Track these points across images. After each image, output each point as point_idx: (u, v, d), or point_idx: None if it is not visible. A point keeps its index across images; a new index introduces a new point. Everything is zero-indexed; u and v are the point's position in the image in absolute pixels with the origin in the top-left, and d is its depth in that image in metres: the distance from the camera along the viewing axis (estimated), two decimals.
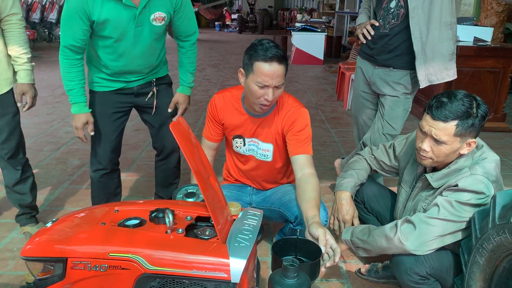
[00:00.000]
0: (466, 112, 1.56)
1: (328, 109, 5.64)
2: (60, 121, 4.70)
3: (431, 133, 1.60)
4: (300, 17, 13.92)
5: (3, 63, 2.10)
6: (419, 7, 2.21)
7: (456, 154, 1.65)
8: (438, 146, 1.61)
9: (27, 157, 2.35)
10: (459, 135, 1.58)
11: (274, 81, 1.74)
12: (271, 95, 1.76)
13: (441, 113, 1.57)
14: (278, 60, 1.73)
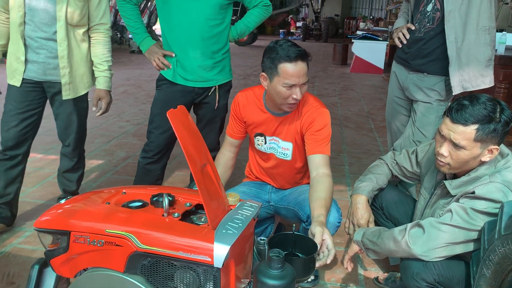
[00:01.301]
0: (488, 116, 1.48)
1: (379, 118, 5.52)
2: (115, 117, 5.00)
3: (449, 137, 1.53)
4: (363, 25, 13.68)
5: (84, 68, 2.27)
6: (456, 10, 2.13)
7: (477, 161, 1.56)
8: (457, 151, 1.53)
9: (84, 148, 2.53)
10: (479, 140, 1.50)
11: (301, 79, 1.76)
12: (299, 93, 1.78)
13: (461, 116, 1.50)
14: (301, 58, 1.74)
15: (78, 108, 2.32)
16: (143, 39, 2.38)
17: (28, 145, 2.32)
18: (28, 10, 2.08)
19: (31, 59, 2.16)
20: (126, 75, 7.92)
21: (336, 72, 9.65)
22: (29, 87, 2.21)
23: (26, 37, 2.12)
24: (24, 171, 2.39)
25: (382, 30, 11.18)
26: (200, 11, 2.21)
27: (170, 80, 2.36)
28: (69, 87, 2.22)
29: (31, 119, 2.26)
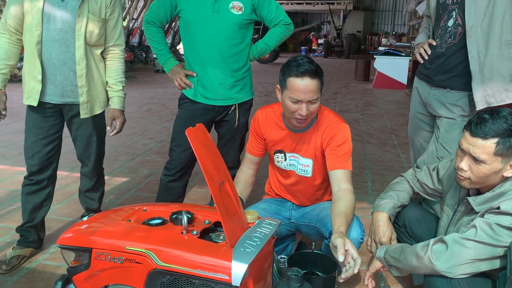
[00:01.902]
0: (508, 130, 1.45)
1: (402, 134, 5.44)
2: (139, 135, 5.08)
3: (469, 151, 1.51)
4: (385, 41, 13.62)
5: (100, 88, 2.31)
6: (478, 25, 2.10)
7: (499, 177, 1.52)
8: (477, 166, 1.51)
9: (103, 167, 2.57)
10: (500, 155, 1.47)
11: (307, 96, 1.76)
12: (304, 110, 1.78)
13: (480, 130, 1.48)
14: (310, 75, 1.75)
15: (97, 128, 2.35)
16: (166, 60, 2.45)
17: (53, 168, 2.35)
18: (46, 29, 2.11)
19: (49, 80, 2.18)
20: (150, 94, 8.08)
21: (358, 88, 9.60)
22: (49, 112, 2.24)
23: (43, 57, 2.15)
24: (52, 195, 2.41)
25: (404, 46, 11.11)
26: (219, 31, 2.26)
27: (191, 99, 2.40)
28: (87, 106, 2.25)
29: (53, 144, 2.29)
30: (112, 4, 2.23)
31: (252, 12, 2.31)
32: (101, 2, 2.18)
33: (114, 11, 2.24)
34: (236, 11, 2.25)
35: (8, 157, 4.10)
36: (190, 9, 2.28)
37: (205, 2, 2.24)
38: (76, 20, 2.12)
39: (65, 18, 2.12)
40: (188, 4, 2.27)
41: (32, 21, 2.11)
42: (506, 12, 2.06)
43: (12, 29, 2.16)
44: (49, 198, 2.38)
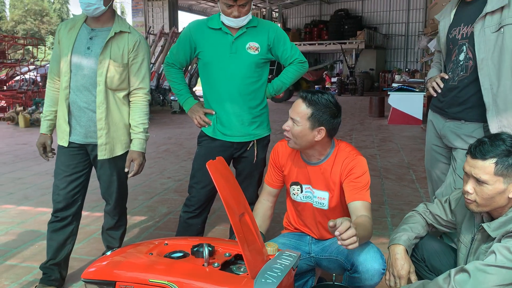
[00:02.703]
0: (506, 150, 1.54)
1: (420, 168, 5.41)
2: (158, 174, 5.16)
3: (471, 173, 1.58)
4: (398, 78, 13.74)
5: (122, 130, 2.38)
6: (488, 58, 2.15)
7: (505, 198, 1.56)
8: (481, 187, 1.57)
9: (126, 206, 2.62)
10: (500, 175, 1.53)
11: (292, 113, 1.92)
12: (236, 12, 2.19)
13: (479, 151, 1.57)
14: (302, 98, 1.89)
15: (118, 169, 2.41)
16: (186, 99, 2.53)
17: (78, 206, 2.42)
18: (73, 75, 2.25)
19: (75, 122, 2.30)
20: (168, 134, 8.24)
21: (373, 125, 9.63)
22: (75, 151, 2.34)
23: (70, 100, 2.28)
24: (76, 233, 2.46)
25: (418, 82, 11.20)
26: (237, 70, 2.35)
27: (210, 136, 2.45)
28: (105, 148, 2.32)
29: (79, 181, 2.37)
30: (135, 49, 2.32)
31: (268, 51, 2.40)
32: (124, 48, 2.29)
33: (137, 56, 2.33)
34: (253, 51, 2.35)
35: (31, 198, 4.20)
36: (209, 51, 2.38)
37: (223, 44, 2.34)
38: (98, 66, 2.24)
39: (89, 65, 2.25)
40: (207, 46, 2.38)
41: (62, 68, 2.26)
42: None
43: (56, 77, 2.35)
44: (73, 236, 2.43)
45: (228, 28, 2.33)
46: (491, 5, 2.12)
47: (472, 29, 2.20)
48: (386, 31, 24.06)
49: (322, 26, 23.31)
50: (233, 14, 2.25)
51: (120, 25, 2.31)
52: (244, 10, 2.27)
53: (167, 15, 16.08)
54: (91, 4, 2.18)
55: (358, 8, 24.43)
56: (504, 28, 2.11)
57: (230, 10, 2.25)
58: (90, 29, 2.28)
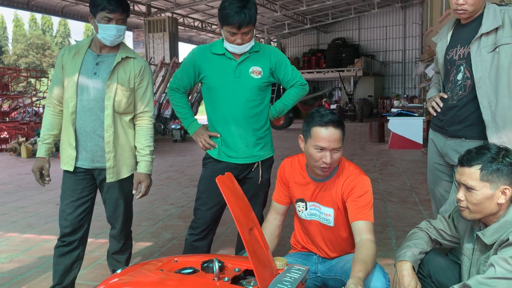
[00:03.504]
0: (490, 157, 1.64)
1: (423, 191, 5.42)
2: (160, 201, 5.17)
3: (460, 180, 1.68)
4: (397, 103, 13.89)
5: (128, 153, 2.42)
6: (486, 77, 2.21)
7: (494, 204, 1.63)
8: (470, 193, 1.65)
9: (131, 229, 2.63)
10: (486, 180, 1.62)
11: (332, 144, 1.86)
12: (329, 157, 1.87)
13: (466, 160, 1.68)
14: (333, 124, 1.86)
15: (124, 192, 2.44)
16: (190, 123, 2.55)
17: (84, 230, 2.43)
18: (80, 100, 2.30)
19: (81, 146, 2.33)
20: (169, 162, 8.27)
21: (374, 149, 9.68)
22: (81, 176, 2.37)
23: (76, 125, 2.32)
24: (82, 257, 2.46)
25: (417, 107, 11.32)
26: (241, 94, 2.39)
27: (215, 158, 2.47)
28: (113, 171, 2.36)
29: (85, 206, 2.39)
30: (141, 74, 2.39)
31: (270, 75, 2.46)
32: (130, 72, 2.36)
33: (143, 80, 2.40)
34: (256, 75, 2.40)
35: (35, 226, 4.19)
36: (213, 76, 2.42)
37: (227, 69, 2.39)
38: (105, 90, 2.29)
39: (96, 89, 2.30)
40: (211, 71, 2.42)
41: (68, 93, 2.30)
42: (511, 63, 2.17)
43: (56, 102, 2.38)
44: (79, 260, 2.43)
45: (232, 53, 2.39)
46: (486, 26, 2.20)
47: (468, 49, 2.27)
48: (383, 58, 24.47)
49: (320, 55, 23.73)
50: (237, 41, 2.30)
51: (126, 51, 2.38)
52: (247, 38, 2.32)
53: (168, 46, 16.38)
54: (120, 36, 2.30)
55: (355, 36, 24.92)
56: (499, 48, 2.18)
57: (234, 38, 2.30)
58: (96, 54, 2.34)
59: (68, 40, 42.69)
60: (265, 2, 17.51)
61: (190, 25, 19.54)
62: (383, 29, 24.47)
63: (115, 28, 2.25)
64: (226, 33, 2.31)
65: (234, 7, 2.22)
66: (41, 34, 39.61)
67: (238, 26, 2.24)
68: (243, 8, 2.22)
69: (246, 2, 2.25)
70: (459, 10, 2.25)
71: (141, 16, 16.33)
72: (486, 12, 2.23)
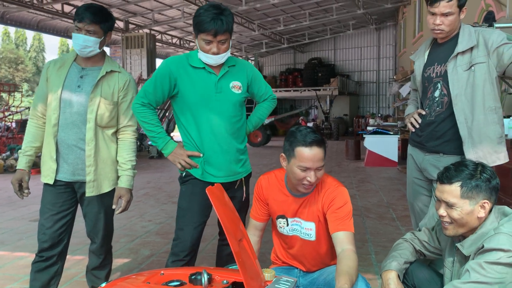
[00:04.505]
0: (469, 174, 1.68)
1: (400, 207, 5.51)
2: (138, 217, 5.09)
3: (441, 198, 1.72)
4: (373, 122, 14.16)
5: (110, 167, 2.38)
6: (462, 94, 2.30)
7: (475, 218, 1.68)
8: (451, 210, 1.69)
9: (112, 245, 2.58)
10: (466, 197, 1.67)
11: (316, 164, 1.87)
12: (313, 176, 1.88)
13: (446, 177, 1.72)
14: (317, 144, 1.87)
15: (105, 206, 2.40)
16: (165, 143, 2.31)
17: (64, 245, 2.37)
18: (62, 113, 2.27)
19: (62, 159, 2.29)
20: (146, 179, 8.16)
21: (350, 167, 9.81)
22: (61, 189, 2.32)
23: (58, 138, 2.28)
24: (61, 273, 2.40)
25: (392, 125, 11.56)
26: (224, 110, 2.29)
27: (200, 179, 2.32)
28: (93, 185, 2.32)
29: (65, 220, 2.34)
30: (125, 88, 2.38)
31: (246, 90, 2.40)
32: (115, 86, 2.34)
33: (127, 95, 2.39)
34: (237, 91, 2.32)
35: (7, 243, 4.06)
36: (193, 91, 2.26)
37: (208, 83, 2.27)
38: (88, 104, 2.27)
39: (80, 102, 2.28)
40: (190, 85, 2.26)
41: (50, 106, 2.27)
42: (486, 81, 2.27)
43: (40, 114, 2.35)
44: (57, 276, 2.37)
45: (211, 67, 2.27)
46: (462, 45, 2.30)
47: (445, 67, 2.36)
48: (358, 78, 25.00)
49: (297, 74, 24.06)
50: (212, 50, 2.18)
51: (111, 64, 2.38)
52: (223, 47, 2.20)
53: (145, 62, 16.30)
54: (87, 47, 2.25)
55: (330, 56, 25.42)
56: (474, 67, 2.28)
57: (209, 47, 2.18)
58: (80, 68, 2.33)
59: (43, 55, 42.03)
60: (244, 21, 17.73)
61: (168, 42, 19.57)
62: (358, 49, 25.05)
63: (82, 38, 2.22)
64: (201, 42, 2.19)
65: (210, 14, 2.13)
66: (14, 48, 38.88)
67: (215, 33, 2.14)
68: (219, 15, 2.13)
69: (222, 10, 2.17)
70: (436, 30, 2.34)
71: (118, 32, 16.27)
72: (462, 32, 2.33)
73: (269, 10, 17.38)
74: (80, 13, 2.24)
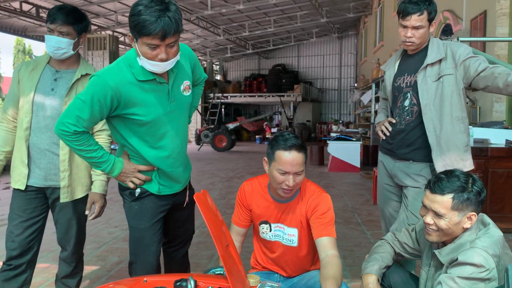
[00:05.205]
0: (461, 187, 1.70)
1: (364, 212, 5.66)
2: (104, 223, 4.97)
3: (431, 207, 1.74)
4: (336, 128, 14.45)
5: (84, 172, 2.33)
6: (431, 104, 2.41)
7: (460, 228, 1.73)
8: (439, 219, 1.72)
9: (83, 252, 2.51)
10: (456, 209, 1.70)
11: (294, 168, 1.91)
12: (291, 181, 1.91)
13: (438, 187, 1.72)
14: (296, 148, 1.91)
15: (78, 212, 2.34)
16: (112, 165, 1.97)
17: (34, 253, 2.30)
18: (35, 116, 2.21)
19: (34, 164, 2.23)
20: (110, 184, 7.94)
21: (314, 172, 9.96)
22: (32, 194, 2.26)
23: (30, 142, 2.22)
24: (30, 282, 2.32)
25: (354, 132, 11.84)
26: (179, 119, 2.06)
27: (154, 194, 2.07)
28: (67, 190, 2.27)
29: (35, 226, 2.27)
30: None
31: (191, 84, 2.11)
32: None
33: None
34: (187, 92, 2.04)
35: None
36: (145, 111, 1.90)
37: (161, 96, 1.94)
38: (63, 107, 2.22)
39: (53, 106, 2.23)
40: (141, 105, 1.89)
41: (23, 108, 2.20)
42: (453, 92, 2.38)
43: (10, 118, 2.28)
44: (26, 285, 2.29)
45: (159, 74, 1.89)
46: (431, 57, 2.41)
47: (415, 78, 2.46)
48: (320, 85, 25.44)
49: (261, 80, 24.21)
50: (160, 57, 1.78)
51: (86, 67, 2.33)
52: (172, 51, 1.82)
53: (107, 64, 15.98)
54: (60, 49, 2.19)
55: (294, 63, 25.76)
56: (443, 78, 2.39)
57: (156, 52, 1.78)
58: (54, 70, 2.28)
59: None
60: (209, 26, 17.70)
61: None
62: (320, 57, 25.51)
63: (54, 39, 2.18)
64: (143, 47, 1.77)
65: (153, 12, 1.71)
66: None
67: (162, 35, 1.73)
68: (165, 12, 1.72)
69: (167, 4, 1.75)
70: (407, 42, 2.44)
71: None
72: (431, 45, 2.45)
73: (235, 15, 17.44)
74: (53, 14, 2.19)
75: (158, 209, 2.09)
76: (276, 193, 2.03)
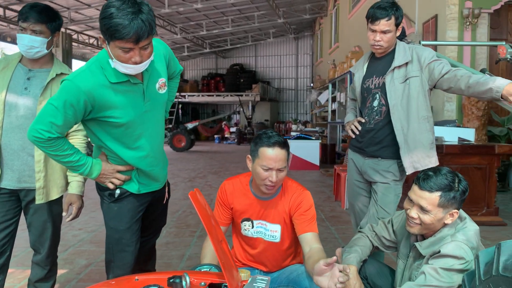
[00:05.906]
0: (448, 185, 1.80)
1: (327, 208, 5.82)
2: (67, 226, 4.83)
3: (418, 202, 1.82)
4: (295, 127, 14.71)
5: (59, 173, 2.28)
6: (398, 104, 2.55)
7: (441, 223, 1.84)
8: (423, 214, 1.82)
9: (57, 255, 2.46)
10: (442, 206, 1.79)
11: (277, 164, 1.98)
12: (274, 177, 1.98)
13: (427, 184, 1.81)
14: (279, 145, 1.99)
15: (53, 214, 2.30)
16: (91, 166, 1.95)
17: (6, 257, 2.24)
18: (7, 116, 2.15)
19: (7, 165, 2.17)
20: None
21: None
22: (5, 197, 2.20)
23: (2, 143, 2.16)
24: (2, 287, 2.26)
25: (313, 131, 12.10)
26: (156, 117, 2.04)
27: (134, 193, 2.06)
28: (43, 191, 2.22)
29: (8, 230, 2.21)
30: None
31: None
32: None
33: None
34: (163, 90, 2.00)
35: None
36: (120, 113, 1.87)
37: (136, 97, 1.91)
38: (37, 107, 2.17)
39: (27, 105, 2.17)
40: (116, 109, 1.86)
41: None
42: (419, 93, 2.53)
43: None
44: None
45: (133, 76, 1.86)
46: (398, 60, 2.55)
47: (383, 80, 2.60)
48: (278, 85, 25.75)
49: (219, 79, 24.19)
50: (134, 59, 1.74)
51: (60, 67, 2.29)
52: (146, 53, 1.77)
53: None
54: (34, 47, 2.15)
55: (251, 63, 25.91)
56: (409, 80, 2.53)
57: (129, 55, 1.73)
58: (27, 69, 2.22)
59: None
60: (165, 24, 17.47)
61: (85, 42, 18.67)
62: (277, 57, 25.81)
63: (27, 38, 2.14)
64: (116, 50, 1.72)
65: (126, 14, 1.65)
66: None
67: (136, 39, 1.68)
68: (138, 14, 1.67)
69: (140, 6, 1.69)
70: (376, 46, 2.57)
71: None
72: (398, 48, 2.59)
73: (192, 14, 17.32)
74: (25, 12, 2.14)
75: (137, 209, 2.09)
76: (258, 190, 2.09)
